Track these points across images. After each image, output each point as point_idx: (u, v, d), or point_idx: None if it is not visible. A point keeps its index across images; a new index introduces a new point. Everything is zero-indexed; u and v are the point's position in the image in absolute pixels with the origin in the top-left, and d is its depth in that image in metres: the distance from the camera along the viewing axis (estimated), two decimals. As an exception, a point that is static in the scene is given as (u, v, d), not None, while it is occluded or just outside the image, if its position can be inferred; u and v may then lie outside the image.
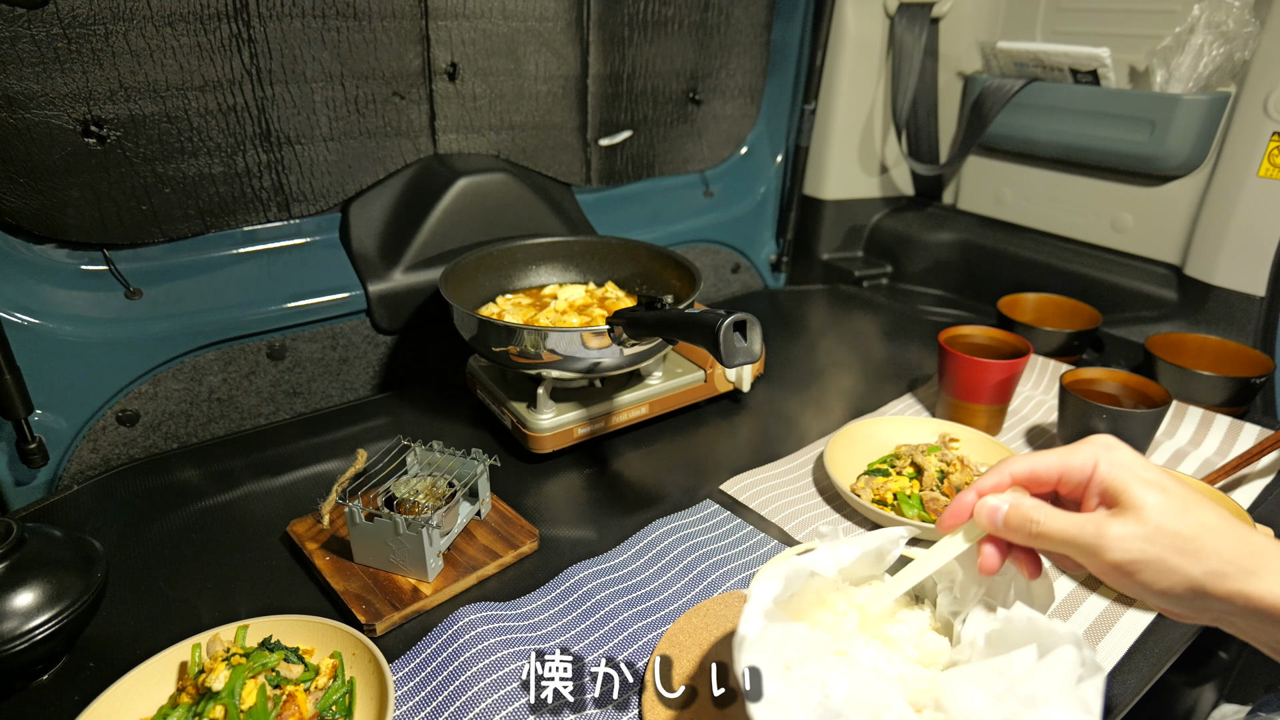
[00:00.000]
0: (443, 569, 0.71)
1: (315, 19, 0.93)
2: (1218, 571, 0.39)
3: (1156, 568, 0.40)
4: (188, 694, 0.55)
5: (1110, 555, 0.40)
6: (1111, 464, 0.43)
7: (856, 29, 1.35)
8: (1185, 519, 0.40)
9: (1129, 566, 0.40)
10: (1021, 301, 1.19)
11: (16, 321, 0.80)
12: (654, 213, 1.34)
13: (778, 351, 1.20)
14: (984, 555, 0.47)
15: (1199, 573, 0.39)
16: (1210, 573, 0.39)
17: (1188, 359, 1.02)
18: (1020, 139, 1.32)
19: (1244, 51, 1.06)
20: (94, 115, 0.83)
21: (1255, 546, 0.39)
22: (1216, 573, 0.39)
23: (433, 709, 0.57)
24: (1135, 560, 0.40)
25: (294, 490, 0.85)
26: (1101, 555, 0.41)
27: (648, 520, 0.79)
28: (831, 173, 1.47)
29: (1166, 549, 0.40)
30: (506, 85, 1.11)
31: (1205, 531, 0.40)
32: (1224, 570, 0.39)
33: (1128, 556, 0.40)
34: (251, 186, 0.96)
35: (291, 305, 0.97)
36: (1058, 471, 0.45)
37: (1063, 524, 0.43)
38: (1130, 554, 0.40)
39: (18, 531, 0.60)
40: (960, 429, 0.90)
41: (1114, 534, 0.41)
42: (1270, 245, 1.06)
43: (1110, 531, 0.41)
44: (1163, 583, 0.40)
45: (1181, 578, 0.39)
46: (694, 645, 0.62)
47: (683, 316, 0.72)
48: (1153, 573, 0.40)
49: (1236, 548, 0.39)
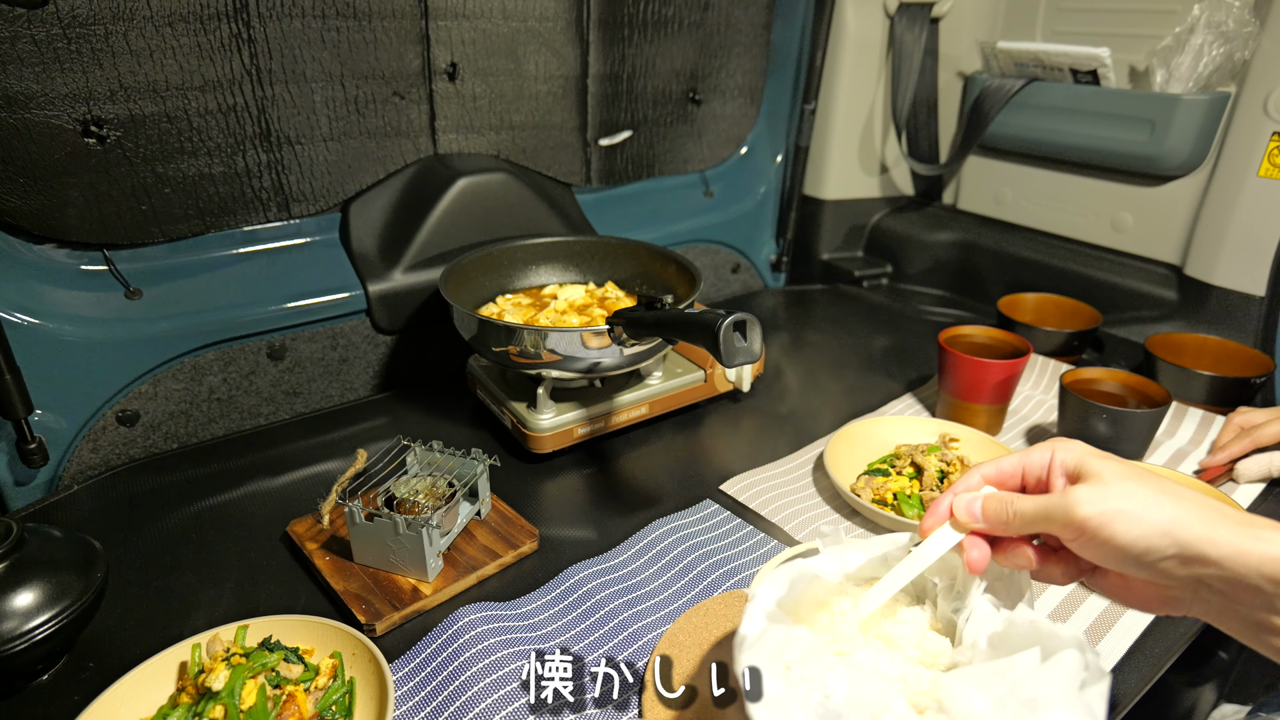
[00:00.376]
0: (443, 569, 0.71)
1: (315, 19, 0.93)
2: (1182, 521, 0.41)
3: (1127, 517, 0.42)
4: (188, 694, 0.55)
5: (1080, 509, 0.43)
6: (1066, 450, 0.47)
7: (856, 29, 1.35)
8: (1144, 479, 0.43)
9: (1100, 517, 0.42)
10: (1021, 301, 1.19)
11: (16, 321, 0.80)
12: (654, 213, 1.34)
13: (778, 351, 1.20)
14: (969, 553, 0.49)
15: (1165, 519, 0.41)
16: (1176, 519, 0.41)
17: (1188, 359, 1.02)
18: (1020, 139, 1.32)
19: (1244, 51, 1.06)
20: (94, 115, 0.83)
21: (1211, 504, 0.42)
22: (1181, 521, 0.41)
23: (433, 709, 0.57)
24: (1103, 511, 0.42)
25: (294, 490, 0.85)
26: (1073, 511, 0.43)
27: (648, 520, 0.79)
28: (831, 173, 1.47)
29: (1132, 501, 0.42)
30: (506, 85, 1.11)
31: (1160, 486, 0.43)
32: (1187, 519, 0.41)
33: (1095, 509, 0.42)
34: (251, 186, 0.96)
35: (291, 305, 0.97)
36: (1020, 468, 0.50)
37: (1034, 501, 0.46)
38: (1098, 505, 0.43)
39: (18, 531, 0.60)
40: (960, 429, 0.90)
41: (1082, 496, 0.43)
42: (1270, 245, 1.06)
43: (1078, 495, 0.44)
44: (1135, 530, 0.41)
45: (1150, 525, 0.41)
46: (694, 645, 0.62)
47: (683, 316, 0.72)
48: (1124, 521, 0.42)
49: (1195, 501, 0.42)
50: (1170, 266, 1.20)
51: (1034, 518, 0.46)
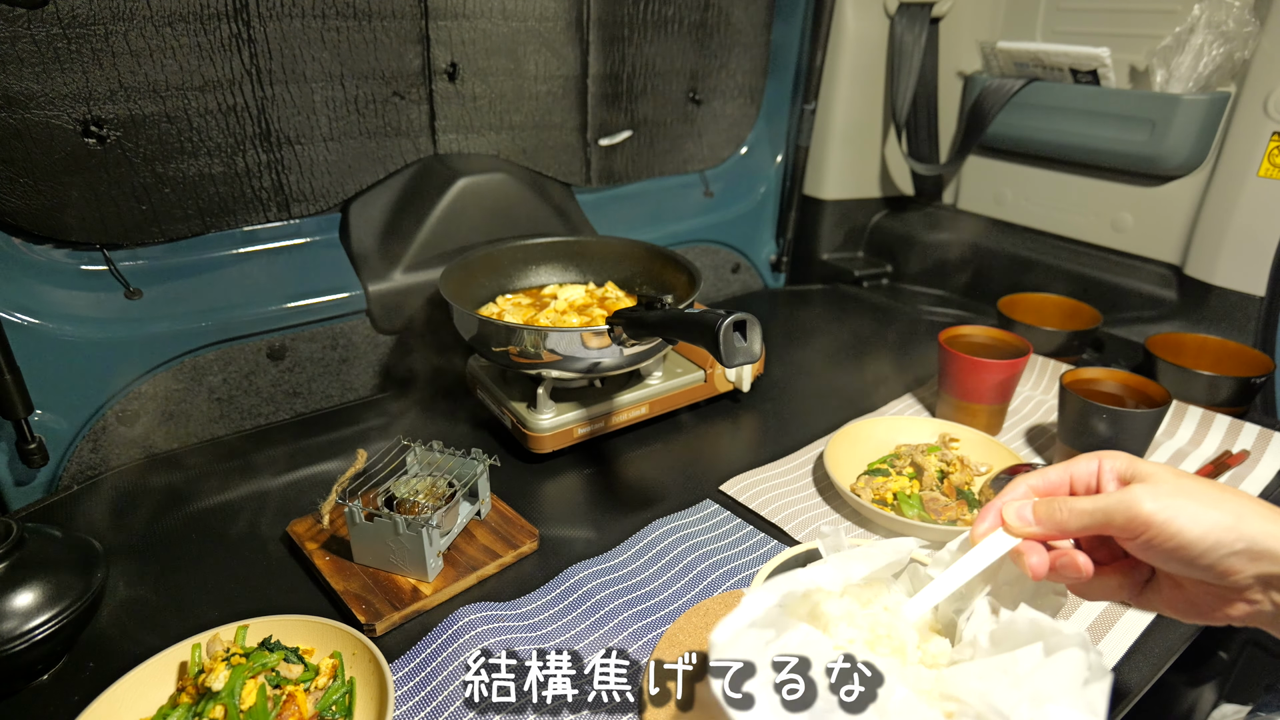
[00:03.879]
0: (443, 569, 0.71)
1: (315, 19, 0.93)
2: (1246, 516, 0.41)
3: (1192, 512, 0.41)
4: (188, 694, 0.55)
5: (1144, 504, 0.42)
6: (1115, 458, 0.47)
7: (856, 29, 1.35)
8: (1199, 480, 0.43)
9: (1165, 512, 0.41)
10: (1021, 301, 1.19)
11: (16, 321, 0.80)
12: (654, 213, 1.34)
13: (778, 351, 1.20)
14: (1029, 559, 0.48)
15: (1231, 513, 0.41)
16: (1241, 514, 0.41)
17: (1188, 359, 1.02)
18: (1020, 139, 1.32)
19: (1244, 51, 1.06)
20: (94, 115, 0.83)
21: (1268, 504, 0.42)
22: (1246, 517, 0.41)
23: (433, 709, 0.57)
24: (1167, 504, 0.42)
25: (294, 490, 0.85)
26: (1135, 507, 0.42)
27: (648, 520, 0.79)
28: (831, 173, 1.46)
29: (1194, 497, 0.42)
30: (506, 85, 1.11)
31: (1217, 488, 0.43)
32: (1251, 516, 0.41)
33: (1159, 504, 0.42)
34: (251, 186, 0.96)
35: (291, 305, 0.97)
36: (1067, 477, 0.49)
37: (1092, 500, 0.45)
38: (1161, 500, 0.42)
39: (18, 531, 0.60)
40: (960, 429, 0.90)
41: (1142, 494, 0.43)
42: (1270, 245, 1.06)
43: (1138, 494, 0.43)
44: (1202, 522, 0.41)
45: (1216, 519, 0.41)
46: (694, 645, 0.62)
47: (683, 316, 0.72)
48: (1189, 516, 0.41)
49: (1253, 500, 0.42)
50: (1170, 266, 1.20)
51: (1093, 516, 0.45)
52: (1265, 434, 0.91)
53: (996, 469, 0.86)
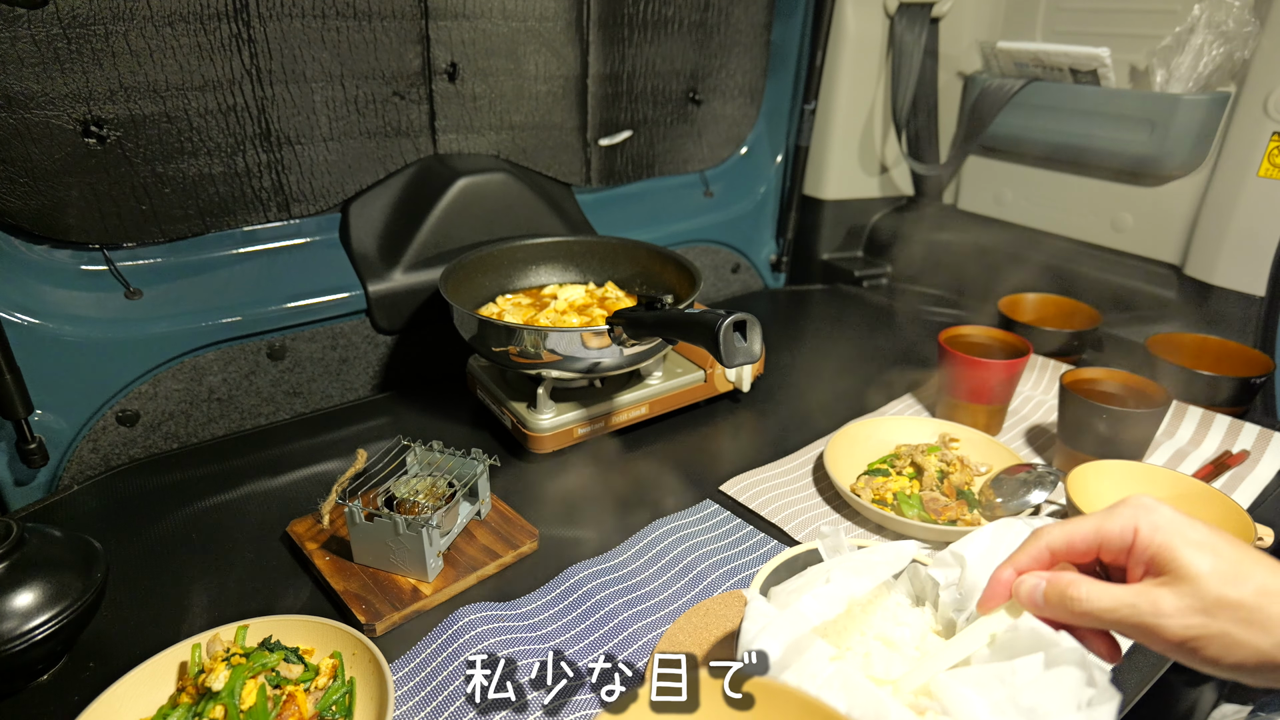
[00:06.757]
0: (443, 569, 0.71)
1: (315, 19, 0.93)
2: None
3: (1222, 642, 0.37)
4: (188, 694, 0.55)
5: (1169, 634, 0.37)
6: (1154, 528, 0.40)
7: (856, 29, 1.35)
8: (1244, 586, 0.37)
9: (1192, 644, 0.37)
10: (1021, 301, 1.19)
11: (16, 321, 0.80)
12: (654, 213, 1.34)
13: (778, 351, 1.20)
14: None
15: (1269, 645, 0.36)
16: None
17: (1188, 359, 1.02)
18: (1020, 139, 1.32)
19: (1244, 51, 1.06)
20: (94, 115, 0.83)
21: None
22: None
23: (433, 709, 0.57)
24: (1198, 636, 0.37)
25: (294, 490, 0.85)
26: (1160, 634, 0.38)
27: (648, 520, 0.79)
28: (831, 173, 1.46)
29: (1229, 621, 0.36)
30: (506, 85, 1.11)
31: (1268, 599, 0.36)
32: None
33: (1189, 633, 0.37)
34: (251, 186, 0.96)
35: (291, 305, 0.97)
36: (1096, 540, 0.42)
37: (1110, 600, 0.39)
38: (1191, 629, 0.37)
39: (18, 531, 0.60)
40: (960, 429, 0.90)
41: (1169, 608, 0.37)
42: (1270, 245, 1.06)
43: (1164, 606, 0.37)
44: (1232, 657, 0.37)
45: (1251, 650, 0.36)
46: (694, 645, 0.62)
47: (683, 316, 0.72)
48: (1218, 648, 0.37)
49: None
50: (1170, 266, 1.20)
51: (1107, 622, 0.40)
52: (1265, 434, 0.91)
53: (996, 469, 0.86)
